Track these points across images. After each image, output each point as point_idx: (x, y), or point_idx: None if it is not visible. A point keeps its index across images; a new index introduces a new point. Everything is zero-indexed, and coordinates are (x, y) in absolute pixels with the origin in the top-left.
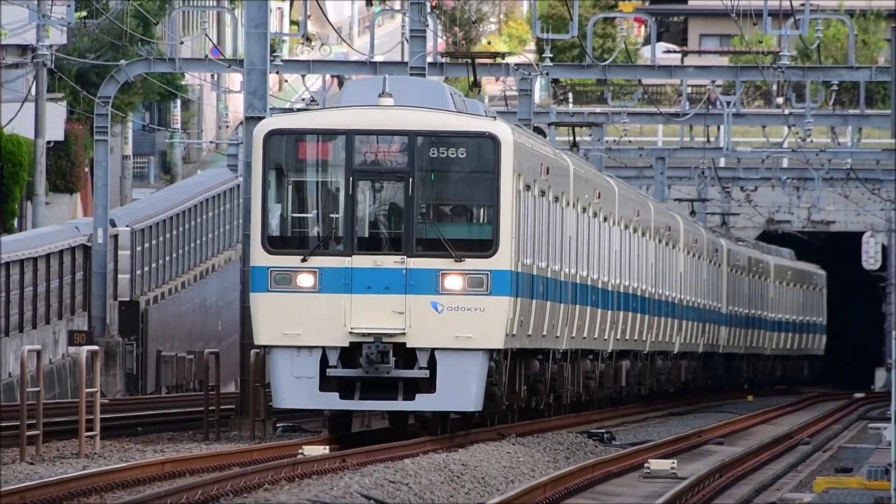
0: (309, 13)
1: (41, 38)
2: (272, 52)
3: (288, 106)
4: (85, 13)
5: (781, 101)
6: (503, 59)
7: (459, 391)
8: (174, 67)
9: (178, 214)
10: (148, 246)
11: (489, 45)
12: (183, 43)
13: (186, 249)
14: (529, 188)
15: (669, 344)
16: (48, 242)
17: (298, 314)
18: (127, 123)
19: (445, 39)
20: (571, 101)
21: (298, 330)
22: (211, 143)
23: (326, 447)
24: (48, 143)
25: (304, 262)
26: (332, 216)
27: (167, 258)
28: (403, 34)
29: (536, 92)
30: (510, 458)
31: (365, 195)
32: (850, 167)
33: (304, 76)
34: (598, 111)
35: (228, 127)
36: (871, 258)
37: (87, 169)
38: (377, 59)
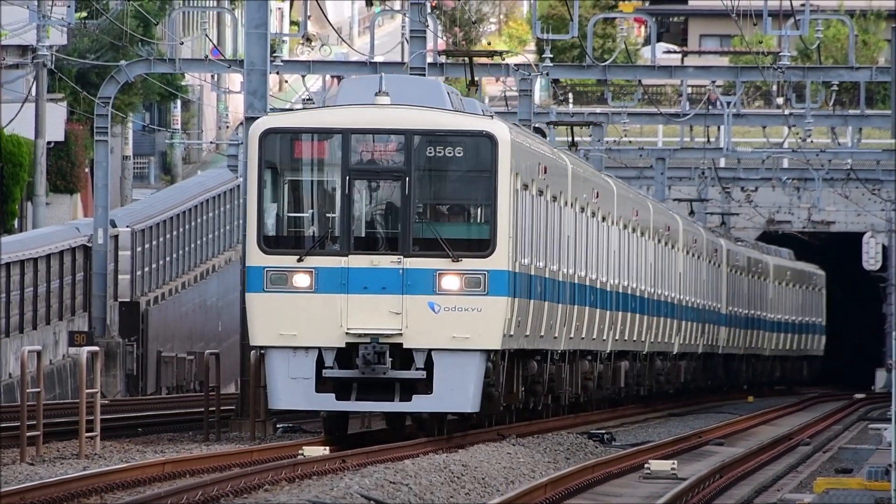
0: (309, 13)
1: (41, 38)
2: (272, 52)
3: (288, 106)
4: (85, 14)
5: (781, 101)
6: (501, 57)
7: (456, 392)
8: (174, 68)
9: (178, 215)
10: (148, 246)
11: (489, 45)
12: (183, 43)
13: (187, 250)
14: (527, 187)
15: (668, 344)
16: (48, 243)
17: (294, 314)
18: (127, 124)
19: (445, 40)
20: (571, 101)
21: (294, 330)
22: (211, 143)
23: (326, 448)
24: (48, 143)
25: (300, 261)
26: (328, 216)
27: (167, 259)
28: (403, 34)
29: (536, 92)
30: (510, 458)
31: (361, 194)
32: (850, 167)
33: (304, 77)
34: (598, 111)
35: (228, 127)
36: (871, 259)
37: (87, 169)
38: (377, 59)
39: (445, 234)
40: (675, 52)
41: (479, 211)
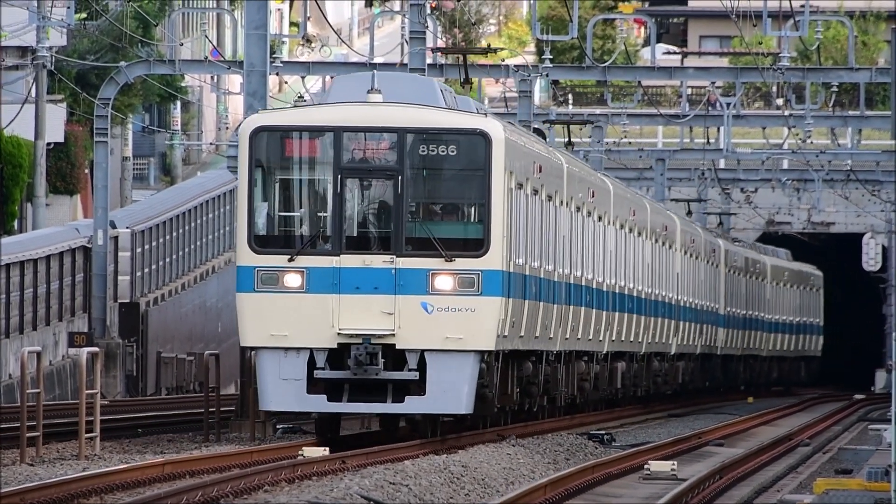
0: (309, 14)
1: (41, 39)
2: (272, 53)
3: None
4: (85, 15)
5: (781, 102)
6: (496, 54)
7: (450, 393)
8: (174, 69)
9: (178, 216)
10: (148, 247)
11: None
12: (183, 44)
13: (186, 251)
14: (522, 186)
15: (666, 345)
16: (48, 244)
17: (285, 315)
18: (127, 125)
19: (445, 41)
20: (571, 102)
21: (285, 331)
22: (211, 144)
23: (326, 449)
24: (48, 144)
25: (291, 261)
26: (319, 215)
27: (167, 260)
28: (403, 35)
29: (536, 93)
30: (510, 459)
31: (353, 193)
32: (850, 168)
33: (303, 77)
34: (597, 112)
35: (228, 128)
36: (871, 259)
37: (87, 170)
38: (377, 60)
39: (438, 233)
40: (674, 52)
41: (472, 210)
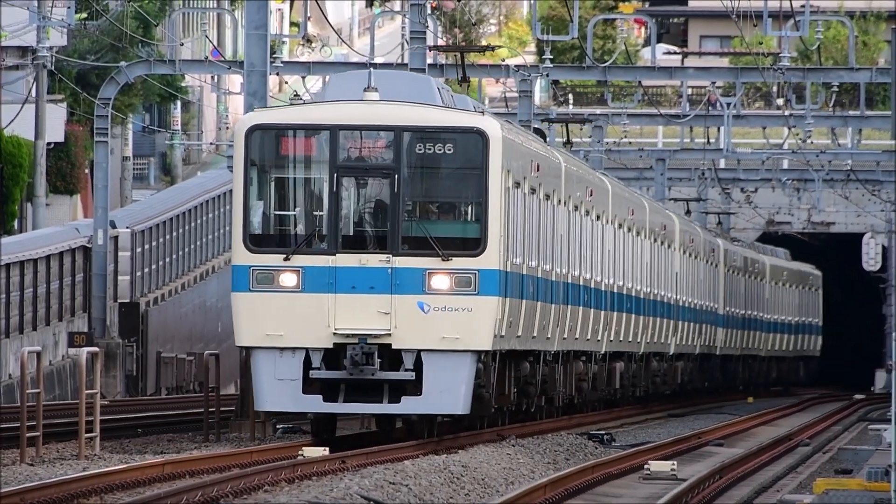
0: (309, 14)
1: (41, 39)
2: (272, 53)
3: None
4: (85, 15)
5: (782, 102)
6: (494, 52)
7: (446, 394)
8: (174, 69)
9: (178, 216)
10: (148, 247)
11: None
12: (183, 44)
13: (187, 251)
14: (519, 185)
15: (665, 345)
16: (48, 244)
17: (281, 314)
18: (127, 125)
19: (445, 41)
20: (572, 102)
21: (281, 331)
22: (211, 144)
23: (326, 449)
24: (48, 144)
25: (286, 260)
26: (315, 214)
27: (167, 259)
28: (403, 36)
29: (536, 93)
30: (510, 459)
31: (349, 192)
32: (850, 168)
33: (304, 78)
34: (598, 112)
35: (228, 128)
36: (871, 259)
37: (87, 170)
38: (377, 60)
39: (435, 232)
40: (675, 53)
41: (469, 209)
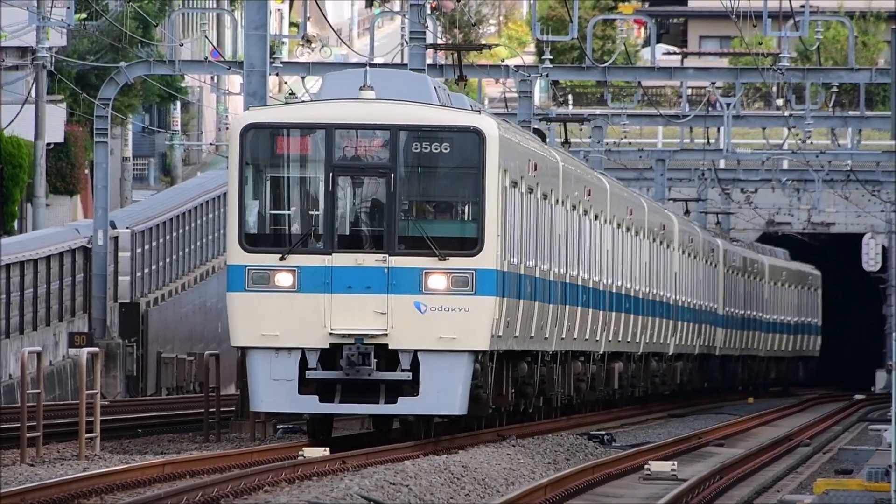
0: (309, 15)
1: (41, 39)
2: (272, 53)
3: None
4: (85, 15)
5: (781, 102)
6: (491, 50)
7: (443, 394)
8: (174, 69)
9: (178, 216)
10: (148, 248)
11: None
12: (183, 45)
13: (187, 251)
14: (516, 185)
15: (664, 345)
16: (48, 244)
17: (277, 314)
18: (127, 125)
19: (445, 41)
20: (571, 102)
21: (277, 331)
22: (211, 144)
23: (326, 449)
24: (48, 144)
25: (282, 260)
26: (311, 213)
27: (167, 260)
28: (403, 36)
29: (536, 94)
30: (510, 459)
31: (345, 191)
32: (850, 169)
33: (303, 78)
34: (598, 113)
35: (228, 129)
36: (871, 260)
37: (87, 171)
38: (377, 60)
39: (432, 232)
40: (674, 53)
41: (466, 208)
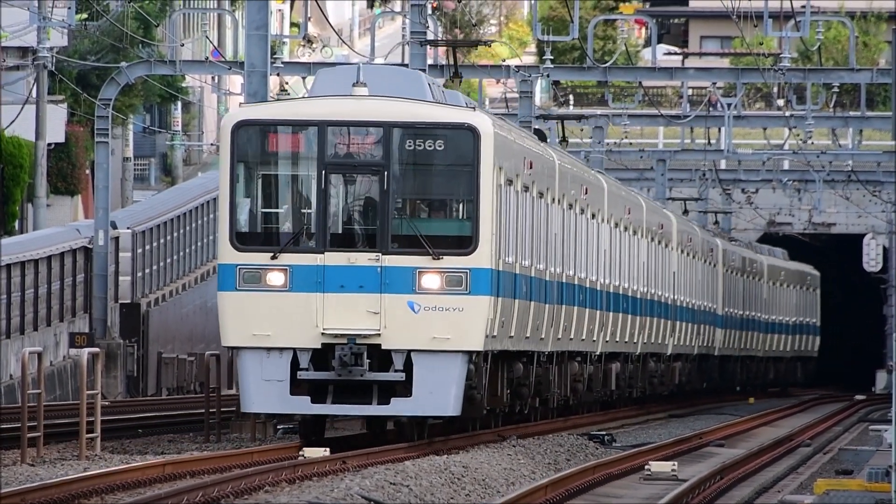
0: (309, 15)
1: (42, 40)
2: (273, 54)
3: None
4: (85, 15)
5: (782, 102)
6: (487, 47)
7: (437, 395)
8: (175, 69)
9: (179, 216)
10: (149, 248)
11: (489, 46)
12: (183, 45)
13: (187, 251)
14: (511, 183)
15: (662, 346)
16: (49, 244)
17: (268, 314)
18: (128, 125)
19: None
20: (572, 102)
21: (268, 330)
22: (212, 145)
23: (327, 449)
24: (49, 145)
25: (274, 259)
26: (303, 211)
27: (168, 260)
28: (404, 36)
29: (537, 94)
30: (511, 460)
31: (338, 189)
32: (850, 169)
33: (304, 78)
34: (598, 113)
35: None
36: (871, 260)
37: (87, 171)
38: (377, 60)
39: (425, 230)
40: (675, 53)
41: (460, 207)
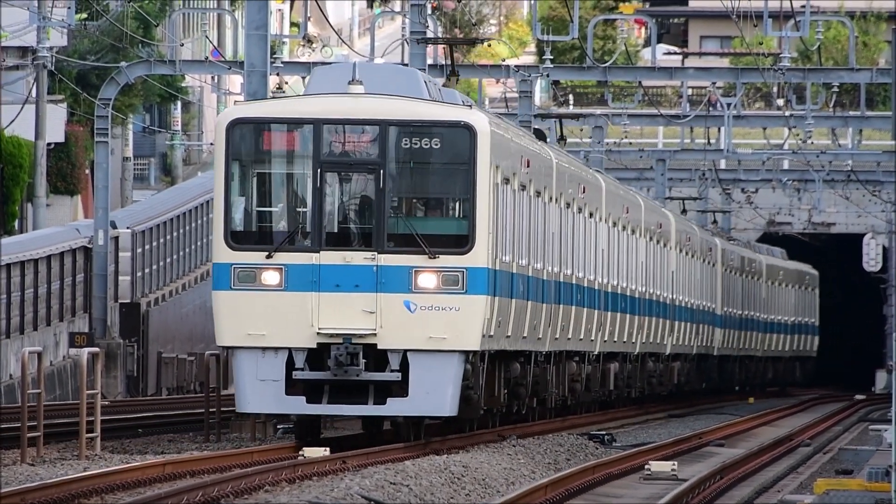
0: (309, 15)
1: (41, 39)
2: (272, 53)
3: None
4: (85, 15)
5: (782, 102)
6: (484, 45)
7: (433, 395)
8: (174, 69)
9: (178, 216)
10: (149, 248)
11: (489, 46)
12: (183, 45)
13: (187, 251)
14: (508, 181)
15: (661, 345)
16: (49, 244)
17: (263, 314)
18: (127, 125)
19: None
20: (572, 102)
21: (263, 330)
22: (211, 144)
23: (327, 449)
24: (49, 144)
25: (269, 258)
26: (298, 210)
27: (168, 260)
28: (404, 36)
29: (537, 94)
30: (511, 459)
31: (333, 188)
32: (850, 169)
33: (304, 78)
34: (598, 113)
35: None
36: (871, 260)
37: (87, 171)
38: (378, 61)
39: (422, 229)
40: (675, 53)
41: (457, 205)
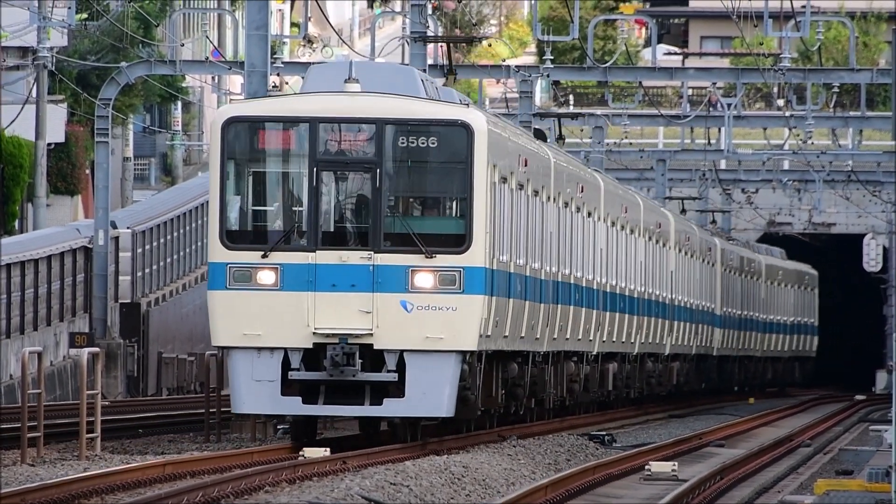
0: (310, 15)
1: (42, 40)
2: (273, 54)
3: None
4: (85, 15)
5: (782, 102)
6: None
7: (430, 396)
8: (175, 69)
9: (179, 216)
10: (149, 248)
11: (489, 46)
12: (184, 45)
13: (187, 251)
14: (506, 180)
15: (660, 346)
16: (49, 244)
17: (259, 313)
18: (128, 125)
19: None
20: (572, 102)
21: (259, 330)
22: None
23: (327, 449)
24: (49, 145)
25: (264, 257)
26: (294, 209)
27: (168, 260)
28: (404, 36)
29: (537, 94)
30: (511, 460)
31: (330, 187)
32: (850, 169)
33: (304, 78)
34: (598, 113)
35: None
36: (871, 260)
37: (87, 171)
38: (378, 61)
39: (418, 228)
40: (675, 53)
41: (454, 205)
